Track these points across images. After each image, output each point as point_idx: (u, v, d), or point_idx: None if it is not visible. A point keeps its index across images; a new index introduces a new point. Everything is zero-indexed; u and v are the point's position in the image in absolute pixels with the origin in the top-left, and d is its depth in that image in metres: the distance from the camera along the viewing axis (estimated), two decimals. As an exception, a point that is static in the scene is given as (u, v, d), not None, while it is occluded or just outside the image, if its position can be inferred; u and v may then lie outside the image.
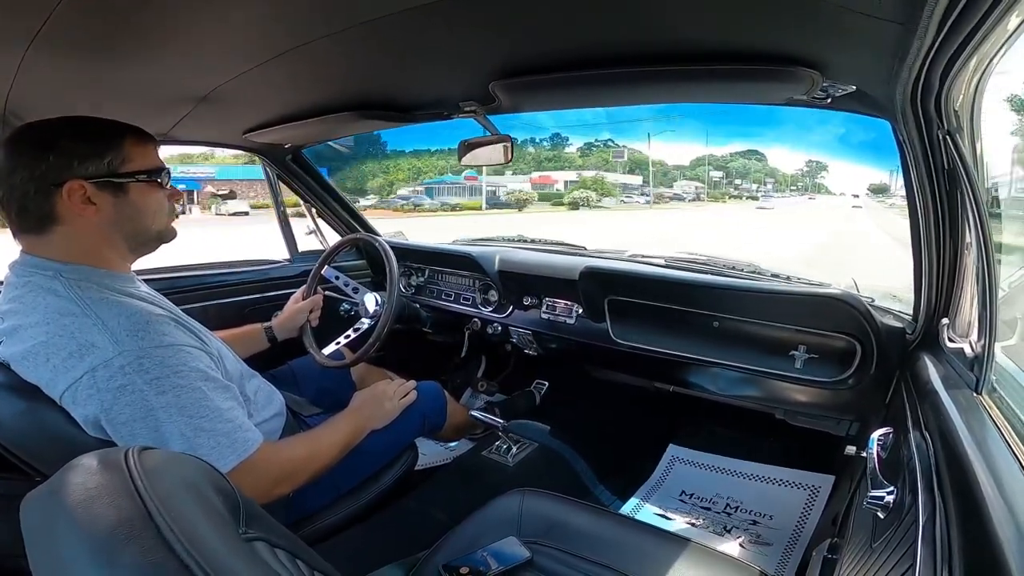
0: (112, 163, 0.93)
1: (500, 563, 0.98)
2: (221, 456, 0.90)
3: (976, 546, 0.48)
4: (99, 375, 0.84)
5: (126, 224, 0.96)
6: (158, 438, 0.86)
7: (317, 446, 1.11)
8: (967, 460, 0.59)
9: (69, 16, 0.74)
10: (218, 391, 0.94)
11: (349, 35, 0.88)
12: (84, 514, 0.43)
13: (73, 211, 0.90)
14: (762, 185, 42.12)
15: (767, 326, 1.39)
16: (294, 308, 1.56)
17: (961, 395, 0.79)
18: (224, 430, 0.91)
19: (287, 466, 1.02)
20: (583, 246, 2.05)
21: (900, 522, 0.67)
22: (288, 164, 1.97)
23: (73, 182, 0.89)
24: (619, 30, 0.86)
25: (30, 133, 0.91)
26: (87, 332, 0.85)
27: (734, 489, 1.77)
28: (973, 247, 0.87)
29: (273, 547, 0.58)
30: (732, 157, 43.96)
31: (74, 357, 0.84)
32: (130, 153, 0.95)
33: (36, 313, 0.87)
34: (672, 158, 42.55)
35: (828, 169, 42.96)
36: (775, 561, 1.48)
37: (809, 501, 1.66)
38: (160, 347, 0.88)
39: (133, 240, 0.99)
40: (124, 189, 0.94)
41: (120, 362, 0.85)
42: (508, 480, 1.61)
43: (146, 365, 0.86)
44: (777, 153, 46.82)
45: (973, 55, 0.66)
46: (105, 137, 0.94)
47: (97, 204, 0.92)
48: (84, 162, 0.90)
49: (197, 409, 0.89)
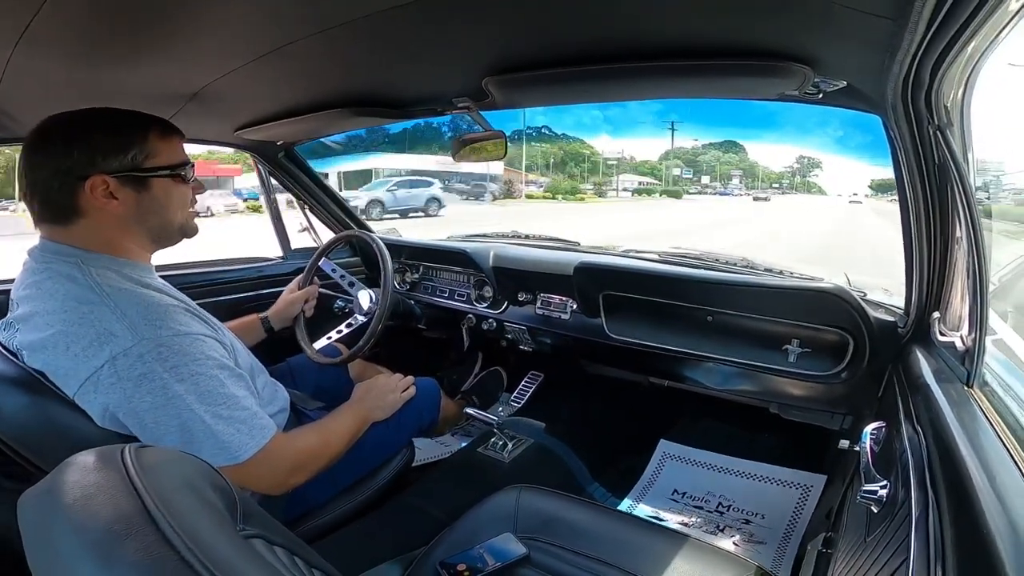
0: (136, 158, 0.93)
1: (497, 559, 0.98)
2: (241, 444, 0.91)
3: (969, 539, 0.48)
4: (119, 363, 0.84)
5: (149, 218, 0.97)
6: (180, 424, 0.87)
7: (328, 435, 1.11)
8: (959, 454, 0.60)
9: (56, 14, 0.73)
10: (233, 379, 0.95)
11: (341, 32, 0.87)
12: (82, 511, 0.43)
13: (96, 205, 0.91)
14: (726, 181, 41.81)
15: (760, 320, 1.40)
16: (289, 298, 1.56)
17: (952, 389, 0.80)
18: (242, 417, 0.92)
19: (301, 455, 1.03)
20: (577, 241, 2.06)
21: (893, 516, 0.67)
22: (281, 161, 1.96)
23: (96, 177, 0.90)
24: (612, 26, 0.86)
25: (55, 127, 0.91)
26: (106, 320, 0.85)
27: (726, 487, 1.76)
28: (964, 241, 0.87)
29: (271, 544, 0.58)
30: (704, 149, 43.59)
31: (94, 345, 0.84)
32: (154, 147, 0.95)
33: (54, 300, 0.87)
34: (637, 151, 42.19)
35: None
36: (769, 559, 1.48)
37: (801, 500, 1.66)
38: (178, 335, 0.89)
39: (155, 233, 0.99)
40: (147, 184, 0.95)
41: (140, 350, 0.85)
42: (504, 477, 1.61)
43: (165, 353, 0.86)
44: (750, 146, 46.53)
45: (963, 51, 0.66)
46: (130, 131, 0.94)
47: (119, 198, 0.92)
48: (108, 157, 0.91)
49: (216, 397, 0.90)
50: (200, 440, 0.88)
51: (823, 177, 46.66)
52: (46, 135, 0.91)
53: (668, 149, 42.57)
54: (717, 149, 44.90)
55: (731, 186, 40.99)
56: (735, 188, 40.57)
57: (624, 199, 33.32)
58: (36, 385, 0.87)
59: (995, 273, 0.97)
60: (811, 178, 46.20)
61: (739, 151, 45.27)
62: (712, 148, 44.43)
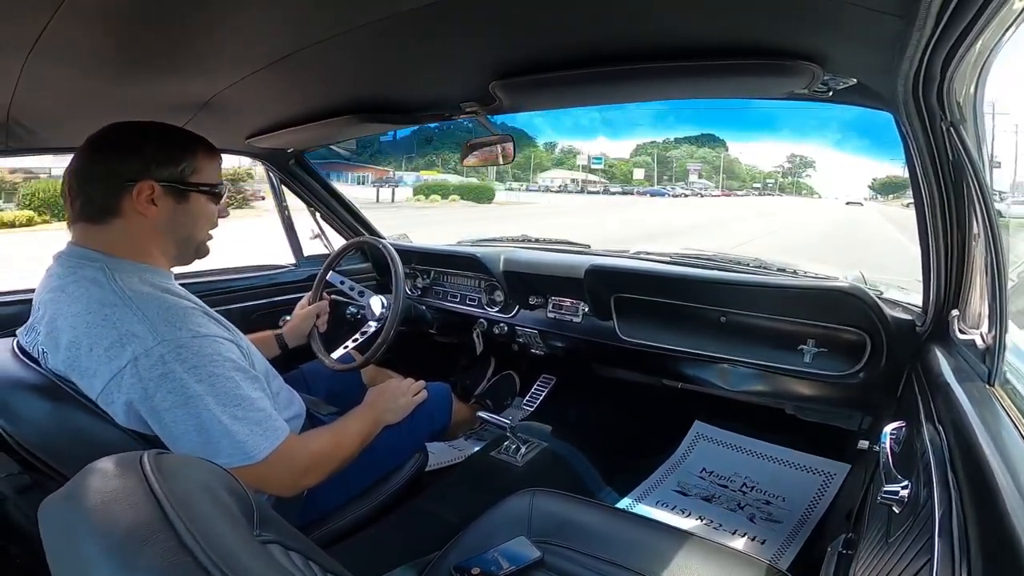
0: (184, 171, 0.99)
1: (511, 563, 0.98)
2: (256, 444, 0.92)
3: (994, 538, 0.48)
4: (141, 364, 0.86)
5: (179, 229, 1.01)
6: (198, 424, 0.88)
7: (341, 437, 1.13)
8: (982, 453, 0.59)
9: (67, 24, 0.74)
10: (249, 381, 0.96)
11: (348, 39, 0.88)
12: (102, 517, 0.43)
13: (136, 208, 0.95)
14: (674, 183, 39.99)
15: (774, 320, 1.39)
16: (301, 314, 1.58)
17: (974, 387, 0.79)
18: (257, 418, 0.94)
19: (315, 456, 1.04)
20: (588, 244, 2.06)
21: (916, 516, 0.66)
22: (291, 168, 1.97)
23: (144, 182, 0.95)
24: (619, 27, 0.86)
25: (114, 133, 0.97)
26: (127, 322, 0.88)
27: (752, 469, 1.83)
28: (981, 238, 0.86)
29: (287, 550, 0.58)
30: (674, 144, 42.04)
31: (116, 346, 0.87)
32: (200, 165, 1.02)
33: (78, 303, 0.89)
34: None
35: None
36: (780, 538, 1.53)
37: (823, 487, 1.70)
38: (196, 337, 0.91)
39: (180, 245, 1.04)
40: (187, 197, 1.00)
41: (160, 351, 0.87)
42: (517, 480, 1.61)
43: (184, 354, 0.89)
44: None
45: (973, 46, 0.66)
46: (182, 145, 1.00)
47: (159, 206, 0.97)
48: (161, 166, 0.97)
49: (232, 398, 0.92)
50: (217, 439, 0.89)
51: (817, 178, 45.32)
52: (104, 140, 0.96)
53: (640, 144, 41.23)
54: (691, 143, 43.57)
55: (694, 185, 38.99)
56: (700, 186, 38.66)
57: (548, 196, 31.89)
58: (57, 391, 0.89)
59: (1014, 269, 0.95)
60: (804, 179, 44.95)
61: (717, 145, 43.83)
62: (686, 142, 43.01)
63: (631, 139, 49.62)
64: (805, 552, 1.46)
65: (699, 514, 1.64)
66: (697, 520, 1.61)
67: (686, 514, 1.65)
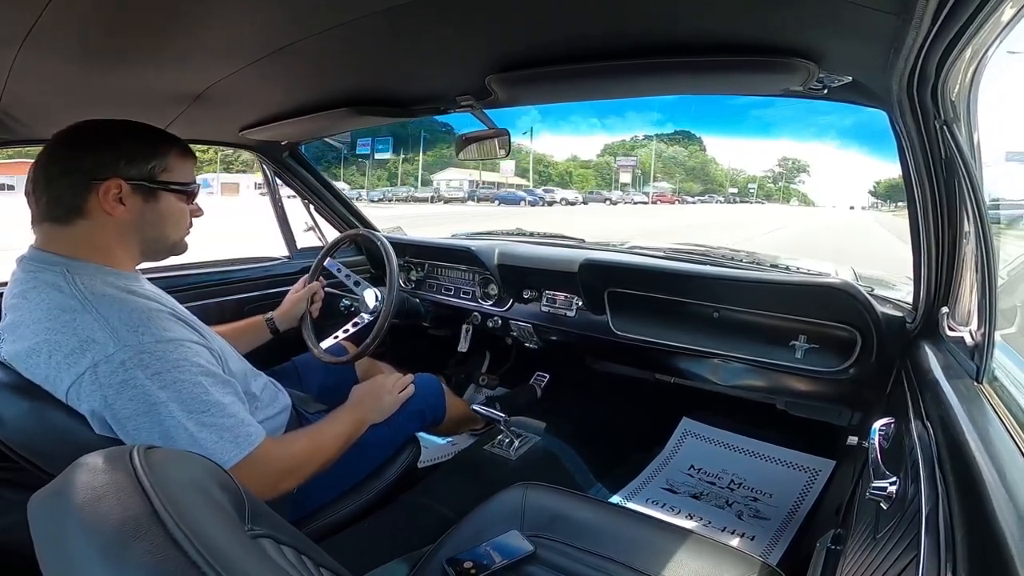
0: (154, 169, 0.97)
1: (504, 557, 0.99)
2: (225, 451, 0.90)
3: (979, 536, 0.48)
4: (100, 370, 0.84)
5: (147, 229, 0.99)
6: (162, 432, 0.86)
7: (320, 440, 1.11)
8: (969, 450, 0.59)
9: (59, 17, 0.74)
10: (219, 386, 0.94)
11: (343, 31, 0.88)
12: (91, 513, 0.43)
13: (103, 207, 0.92)
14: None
15: (767, 316, 1.39)
16: (293, 298, 1.56)
17: (962, 384, 0.79)
18: (227, 424, 0.91)
19: (291, 461, 1.02)
20: (582, 238, 2.06)
21: (903, 512, 0.67)
22: (286, 161, 1.96)
23: (112, 180, 0.92)
24: (615, 22, 0.85)
25: (84, 129, 0.95)
26: (87, 328, 0.85)
27: (739, 466, 1.83)
28: (972, 236, 0.87)
29: (279, 544, 0.58)
30: (641, 142, 40.48)
31: (75, 353, 0.84)
32: (172, 164, 0.99)
33: (39, 309, 0.87)
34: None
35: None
36: (769, 535, 1.54)
37: (809, 483, 1.72)
38: (160, 342, 0.88)
39: (147, 245, 1.01)
40: (156, 196, 0.98)
41: (121, 357, 0.85)
42: (511, 474, 1.62)
43: (147, 360, 0.86)
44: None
45: (968, 45, 0.66)
46: (154, 143, 0.98)
47: (127, 205, 0.94)
48: (129, 164, 0.94)
49: (199, 404, 0.89)
50: (181, 448, 0.86)
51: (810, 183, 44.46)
52: (74, 136, 0.93)
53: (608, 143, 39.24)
54: (663, 141, 42.10)
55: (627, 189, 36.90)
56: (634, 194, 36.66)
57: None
58: (34, 391, 0.87)
59: (1004, 267, 0.96)
60: (797, 185, 44.30)
61: (692, 143, 42.19)
62: (658, 140, 41.51)
63: (602, 136, 48.15)
64: (793, 548, 1.48)
65: (688, 512, 1.65)
66: (686, 518, 1.62)
67: (675, 512, 1.65)
